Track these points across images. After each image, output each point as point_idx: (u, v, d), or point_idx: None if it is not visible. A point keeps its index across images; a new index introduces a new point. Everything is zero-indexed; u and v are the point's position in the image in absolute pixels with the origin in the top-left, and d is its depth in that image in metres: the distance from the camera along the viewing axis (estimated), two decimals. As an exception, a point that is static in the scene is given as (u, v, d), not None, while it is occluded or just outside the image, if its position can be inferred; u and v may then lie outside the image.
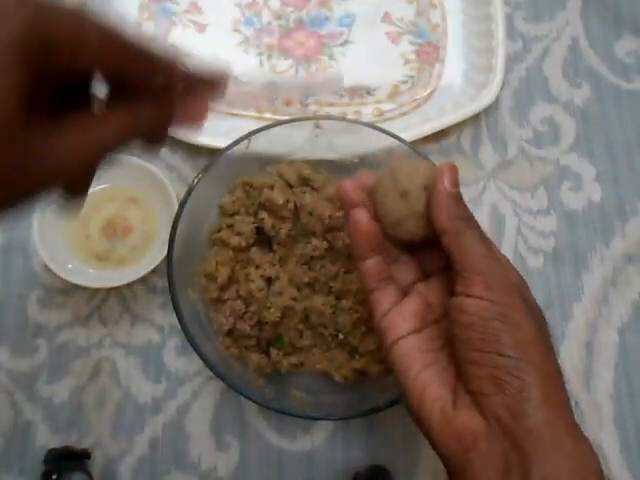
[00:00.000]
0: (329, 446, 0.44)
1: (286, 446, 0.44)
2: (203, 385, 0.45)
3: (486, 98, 0.52)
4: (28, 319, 0.46)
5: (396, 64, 0.55)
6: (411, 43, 0.56)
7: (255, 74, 0.53)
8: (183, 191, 0.42)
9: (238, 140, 0.43)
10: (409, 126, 0.50)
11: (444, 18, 0.57)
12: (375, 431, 0.44)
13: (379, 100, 0.53)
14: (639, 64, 0.56)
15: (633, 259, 0.50)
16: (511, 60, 0.55)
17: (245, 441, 0.44)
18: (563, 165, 0.53)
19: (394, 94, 0.53)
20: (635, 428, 0.45)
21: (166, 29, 0.54)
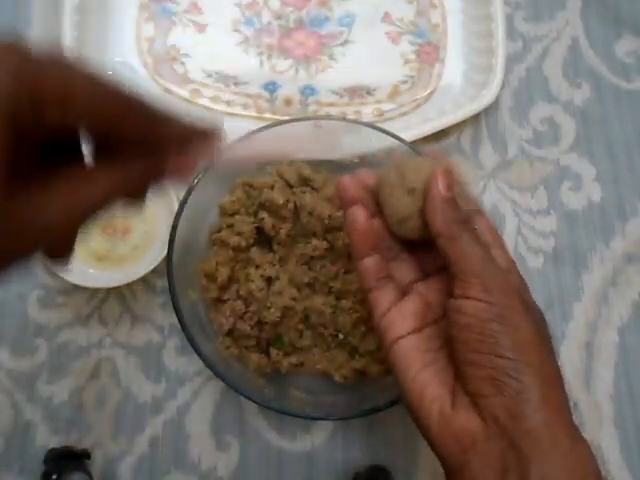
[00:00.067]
0: (329, 446, 0.44)
1: (286, 446, 0.44)
2: (203, 385, 0.45)
3: (486, 98, 0.51)
4: (28, 319, 0.46)
5: (396, 64, 0.55)
6: (411, 43, 0.56)
7: (255, 74, 0.53)
8: (183, 191, 0.42)
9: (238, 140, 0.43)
10: (409, 126, 0.50)
11: (444, 18, 0.57)
12: (375, 431, 0.44)
13: (379, 100, 0.53)
14: (639, 64, 0.56)
15: (633, 259, 0.50)
16: (511, 60, 0.55)
17: (245, 441, 0.44)
18: (563, 165, 0.53)
19: (394, 94, 0.53)
20: (635, 428, 0.45)
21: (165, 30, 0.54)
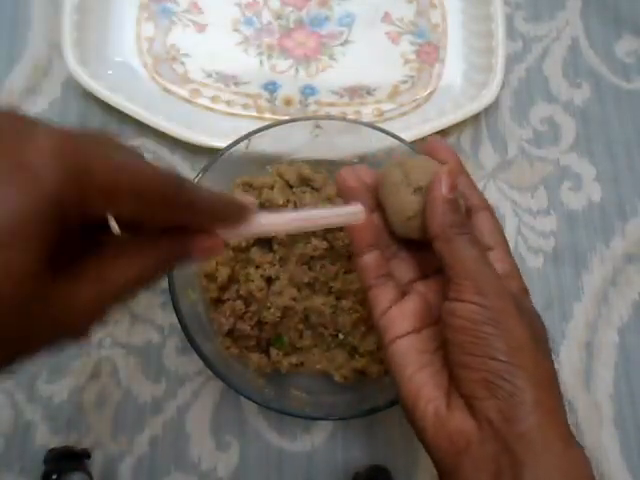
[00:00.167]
0: (329, 446, 0.44)
1: (286, 446, 0.44)
2: (203, 385, 0.45)
3: (486, 98, 0.51)
4: (28, 319, 0.46)
5: (396, 64, 0.55)
6: (411, 43, 0.56)
7: (255, 74, 0.53)
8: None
9: (238, 140, 0.43)
10: (409, 126, 0.50)
11: (444, 18, 0.57)
12: (375, 431, 0.44)
13: (379, 100, 0.53)
14: (639, 64, 0.56)
15: (633, 259, 0.50)
16: (511, 60, 0.55)
17: (245, 441, 0.44)
18: (563, 165, 0.53)
19: (394, 94, 0.53)
20: (635, 428, 0.45)
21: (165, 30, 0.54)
